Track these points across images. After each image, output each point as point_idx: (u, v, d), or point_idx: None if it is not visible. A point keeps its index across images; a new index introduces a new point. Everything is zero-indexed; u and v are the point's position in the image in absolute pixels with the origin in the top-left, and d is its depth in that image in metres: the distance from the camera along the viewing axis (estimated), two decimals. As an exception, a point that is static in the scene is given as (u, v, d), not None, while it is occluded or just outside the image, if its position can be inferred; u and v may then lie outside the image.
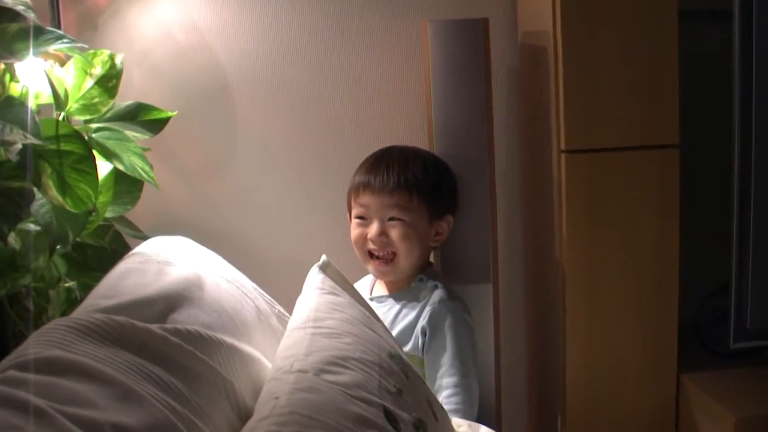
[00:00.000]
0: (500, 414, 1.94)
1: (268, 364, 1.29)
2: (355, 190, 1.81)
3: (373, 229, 1.77)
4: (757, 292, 1.78)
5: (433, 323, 1.75)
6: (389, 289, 1.86)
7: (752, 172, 1.72)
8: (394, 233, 1.76)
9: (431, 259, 1.91)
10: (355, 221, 1.82)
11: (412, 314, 1.79)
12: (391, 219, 1.76)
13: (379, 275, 1.86)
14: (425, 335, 1.75)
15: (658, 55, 1.79)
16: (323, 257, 1.47)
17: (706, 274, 1.94)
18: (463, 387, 1.72)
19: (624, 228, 1.84)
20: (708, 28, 1.93)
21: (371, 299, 1.87)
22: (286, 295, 1.48)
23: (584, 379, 1.89)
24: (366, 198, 1.78)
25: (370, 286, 1.92)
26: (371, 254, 1.80)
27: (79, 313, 1.15)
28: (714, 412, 1.77)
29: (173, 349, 1.10)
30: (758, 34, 1.67)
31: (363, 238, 1.80)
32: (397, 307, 1.82)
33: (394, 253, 1.78)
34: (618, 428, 1.82)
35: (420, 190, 1.76)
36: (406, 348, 1.76)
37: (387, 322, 1.79)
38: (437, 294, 1.78)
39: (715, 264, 1.85)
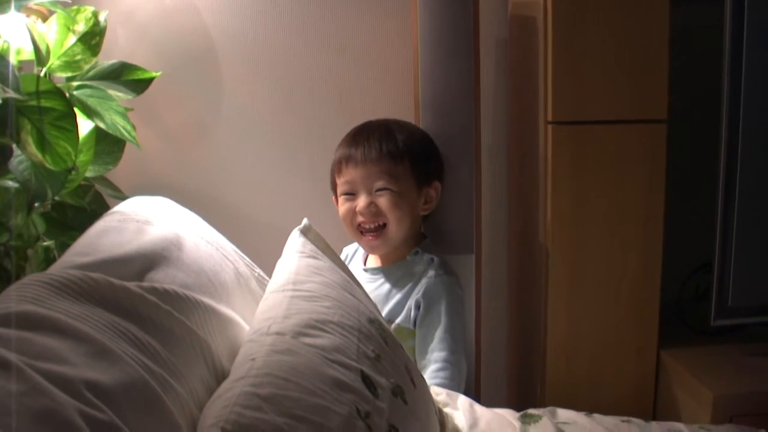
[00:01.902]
0: (479, 384, 1.94)
1: (246, 327, 1.28)
2: (338, 166, 1.79)
3: (362, 201, 1.75)
4: (739, 270, 1.78)
5: (428, 297, 1.74)
6: (384, 262, 1.85)
7: (739, 150, 1.72)
8: (383, 202, 1.74)
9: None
10: (342, 198, 1.79)
11: (407, 287, 1.78)
12: (378, 190, 1.74)
13: (370, 250, 1.85)
14: (419, 308, 1.75)
15: (649, 30, 1.77)
16: (305, 221, 1.46)
17: (690, 252, 1.94)
18: (452, 363, 1.72)
19: (609, 202, 1.83)
20: (699, 4, 1.92)
21: (365, 270, 1.86)
22: (267, 259, 1.46)
23: (565, 352, 1.89)
24: (350, 172, 1.76)
25: (363, 257, 1.90)
26: (361, 230, 1.79)
27: (55, 269, 1.13)
28: (693, 389, 1.78)
29: (150, 308, 1.09)
30: (749, 10, 1.66)
31: (352, 213, 1.77)
32: (392, 280, 1.81)
33: (385, 224, 1.76)
34: (597, 402, 1.82)
35: (405, 157, 1.75)
36: (398, 320, 1.76)
37: (381, 295, 1.80)
38: (434, 268, 1.77)
39: (699, 241, 1.85)
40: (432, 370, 1.70)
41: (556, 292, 1.86)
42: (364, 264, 1.89)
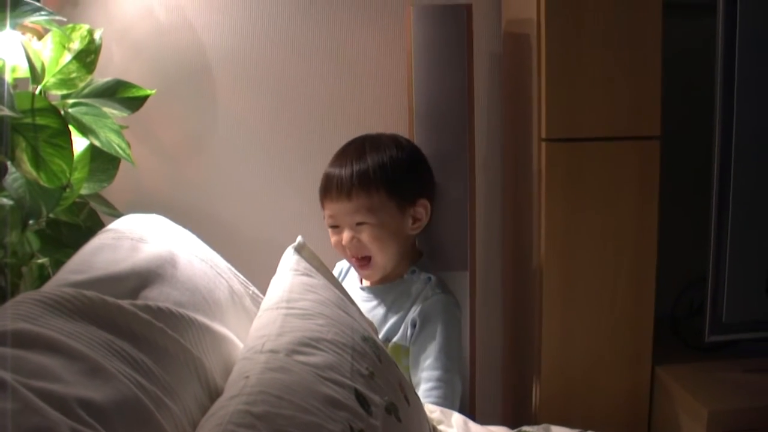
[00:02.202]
0: (474, 401, 1.94)
1: (240, 344, 1.28)
2: (321, 198, 1.79)
3: (345, 236, 1.75)
4: (733, 286, 1.79)
5: (424, 315, 1.74)
6: (380, 281, 1.84)
7: (732, 166, 1.72)
8: (364, 237, 1.74)
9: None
10: (329, 230, 1.80)
11: (404, 307, 1.77)
12: (358, 224, 1.74)
13: (363, 276, 1.85)
14: (414, 326, 1.74)
15: (642, 47, 1.78)
16: (299, 238, 1.46)
17: (683, 267, 1.94)
18: (445, 382, 1.71)
19: (603, 218, 1.83)
20: (692, 21, 1.93)
21: (362, 289, 1.85)
22: (261, 276, 1.46)
23: (560, 368, 1.89)
24: (329, 207, 1.76)
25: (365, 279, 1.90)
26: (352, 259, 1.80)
27: (49, 287, 1.13)
28: (687, 405, 1.78)
29: (143, 326, 1.08)
30: (741, 28, 1.67)
31: (340, 246, 1.78)
32: (389, 300, 1.80)
33: (370, 256, 1.76)
34: (592, 418, 1.82)
35: (379, 185, 1.72)
36: (395, 338, 1.76)
37: (379, 314, 1.79)
38: (430, 287, 1.77)
39: (693, 257, 1.86)
40: (425, 389, 1.70)
41: (551, 307, 1.86)
42: (361, 282, 1.88)
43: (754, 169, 1.74)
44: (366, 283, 1.87)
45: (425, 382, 1.70)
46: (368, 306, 1.80)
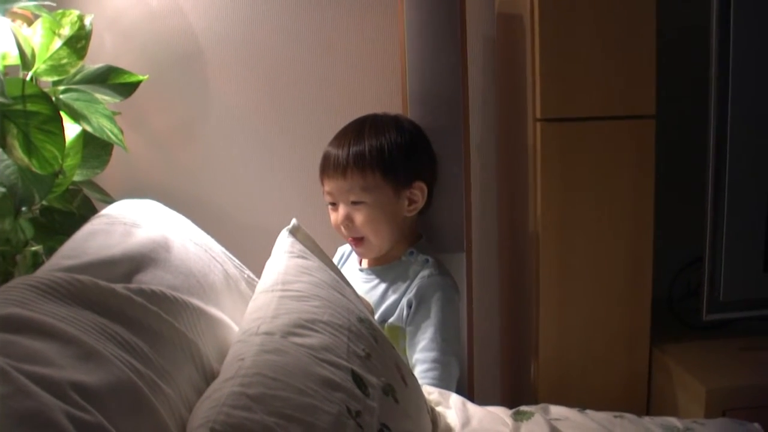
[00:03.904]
0: (472, 382, 1.94)
1: (236, 328, 1.27)
2: (320, 175, 1.78)
3: (340, 213, 1.76)
4: (730, 264, 1.79)
5: (420, 296, 1.73)
6: (378, 262, 1.83)
7: (728, 145, 1.72)
8: (358, 217, 1.74)
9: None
10: (329, 207, 1.80)
11: (401, 288, 1.77)
12: (353, 203, 1.74)
13: (357, 254, 1.85)
14: (410, 307, 1.74)
15: (636, 26, 1.77)
16: (293, 221, 1.46)
17: (680, 247, 1.94)
18: (441, 363, 1.70)
19: (599, 198, 1.82)
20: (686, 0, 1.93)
21: (361, 270, 1.85)
22: (256, 260, 1.46)
23: (557, 348, 1.89)
24: (327, 184, 1.76)
25: (358, 257, 1.90)
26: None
27: (42, 272, 1.12)
28: (686, 384, 1.78)
29: (137, 310, 1.08)
30: (736, 6, 1.67)
31: (337, 224, 1.78)
32: (387, 280, 1.80)
33: (363, 236, 1.76)
34: (590, 398, 1.81)
35: (375, 167, 1.72)
36: (391, 319, 1.75)
37: (377, 295, 1.79)
38: (428, 268, 1.76)
39: (689, 236, 1.85)
40: (421, 370, 1.69)
41: (547, 288, 1.86)
42: (360, 264, 1.88)
43: (750, 148, 1.73)
44: (365, 264, 1.86)
45: (421, 364, 1.70)
46: (367, 287, 1.80)
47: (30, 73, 1.71)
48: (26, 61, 1.70)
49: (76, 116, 1.73)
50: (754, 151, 1.74)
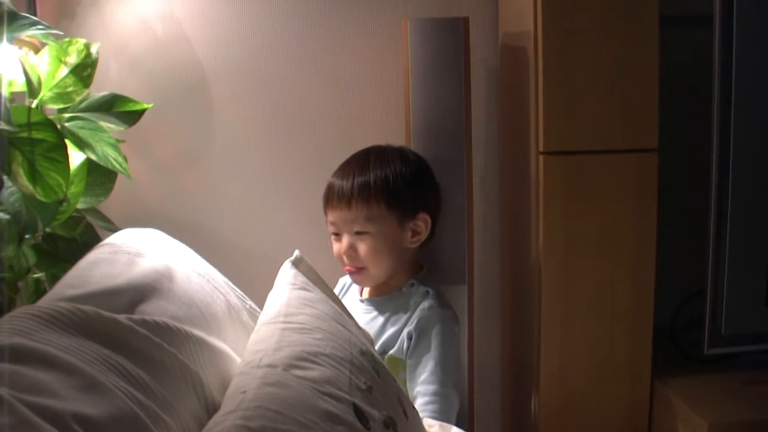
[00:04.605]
0: (473, 414, 1.93)
1: (238, 359, 1.27)
2: (324, 205, 1.79)
3: (343, 243, 1.76)
4: (732, 298, 1.78)
5: (420, 328, 1.73)
6: (379, 293, 1.83)
7: (730, 178, 1.72)
8: (361, 248, 1.74)
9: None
10: (332, 237, 1.80)
11: (402, 319, 1.77)
12: (357, 233, 1.74)
13: (356, 283, 1.86)
14: (411, 339, 1.73)
15: (639, 59, 1.79)
16: (296, 252, 1.46)
17: (682, 279, 1.94)
18: (441, 396, 1.69)
19: (601, 231, 1.83)
20: (689, 33, 1.93)
21: (361, 301, 1.85)
22: (259, 290, 1.46)
23: (558, 381, 1.88)
24: (331, 214, 1.77)
25: (359, 287, 1.89)
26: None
27: (45, 301, 1.12)
28: (687, 418, 1.77)
29: (140, 340, 1.08)
30: (738, 40, 1.68)
31: (339, 254, 1.79)
32: (388, 312, 1.80)
33: (364, 266, 1.77)
34: (591, 431, 1.81)
35: (379, 197, 1.73)
36: (391, 351, 1.75)
37: (377, 326, 1.79)
38: (428, 300, 1.75)
39: (691, 269, 1.85)
40: (421, 403, 1.68)
41: (549, 320, 1.85)
42: (360, 295, 1.88)
43: (752, 180, 1.73)
44: (366, 295, 1.86)
45: (421, 397, 1.69)
46: (367, 318, 1.80)
47: (36, 101, 1.72)
48: (32, 89, 1.71)
49: (81, 144, 1.74)
50: (756, 183, 1.74)
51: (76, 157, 1.75)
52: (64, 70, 1.76)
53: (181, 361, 1.12)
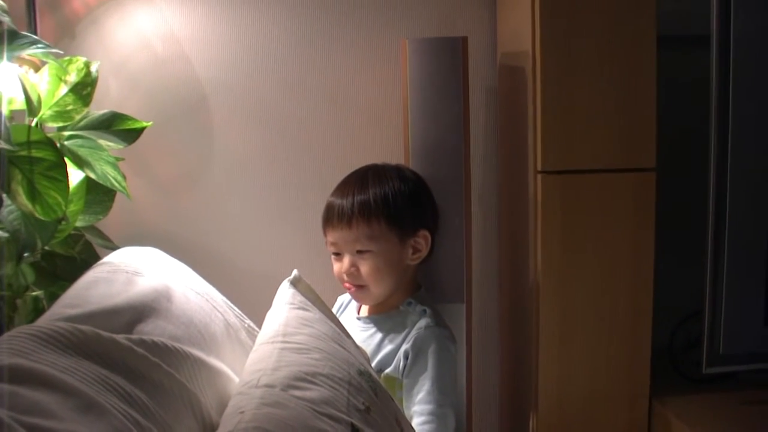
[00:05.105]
0: (471, 434, 1.93)
1: (236, 379, 1.27)
2: (323, 225, 1.79)
3: (344, 263, 1.76)
4: (730, 317, 1.78)
5: (417, 348, 1.72)
6: (376, 311, 1.83)
7: (727, 198, 1.72)
8: (364, 267, 1.74)
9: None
10: (332, 257, 1.80)
11: (399, 338, 1.76)
12: (359, 252, 1.75)
13: (357, 301, 1.86)
14: (407, 358, 1.73)
15: (637, 79, 1.79)
16: (294, 272, 1.46)
17: (680, 299, 1.94)
18: (438, 416, 1.69)
19: (599, 250, 1.83)
20: (687, 54, 1.94)
21: (358, 319, 1.85)
22: (257, 309, 1.46)
23: (557, 401, 1.88)
24: (331, 234, 1.77)
25: (357, 305, 1.89)
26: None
27: (43, 321, 1.12)
28: (685, 438, 1.77)
29: (138, 361, 1.08)
30: (735, 60, 1.68)
31: (340, 274, 1.79)
32: (384, 330, 1.79)
33: (365, 285, 1.77)
34: (589, 452, 1.82)
35: (380, 215, 1.73)
36: (388, 370, 1.75)
37: (373, 344, 1.78)
38: (425, 319, 1.75)
39: (689, 289, 1.85)
40: (417, 423, 1.68)
41: (547, 340, 1.85)
42: (358, 312, 1.88)
43: (750, 200, 1.74)
44: (363, 312, 1.86)
45: (417, 416, 1.69)
46: (364, 335, 1.80)
47: (36, 119, 1.73)
48: (32, 107, 1.71)
49: (81, 163, 1.74)
50: (754, 204, 1.74)
51: (75, 176, 1.76)
52: (63, 89, 1.77)
53: (179, 382, 1.12)
